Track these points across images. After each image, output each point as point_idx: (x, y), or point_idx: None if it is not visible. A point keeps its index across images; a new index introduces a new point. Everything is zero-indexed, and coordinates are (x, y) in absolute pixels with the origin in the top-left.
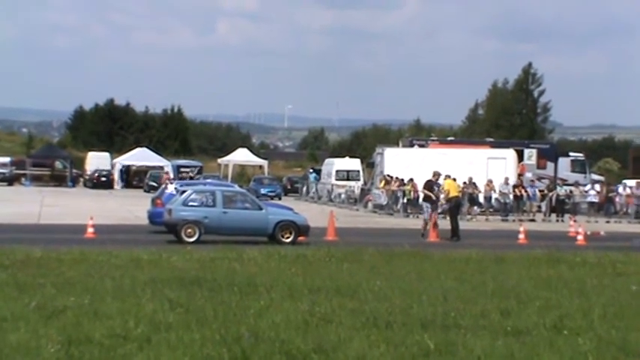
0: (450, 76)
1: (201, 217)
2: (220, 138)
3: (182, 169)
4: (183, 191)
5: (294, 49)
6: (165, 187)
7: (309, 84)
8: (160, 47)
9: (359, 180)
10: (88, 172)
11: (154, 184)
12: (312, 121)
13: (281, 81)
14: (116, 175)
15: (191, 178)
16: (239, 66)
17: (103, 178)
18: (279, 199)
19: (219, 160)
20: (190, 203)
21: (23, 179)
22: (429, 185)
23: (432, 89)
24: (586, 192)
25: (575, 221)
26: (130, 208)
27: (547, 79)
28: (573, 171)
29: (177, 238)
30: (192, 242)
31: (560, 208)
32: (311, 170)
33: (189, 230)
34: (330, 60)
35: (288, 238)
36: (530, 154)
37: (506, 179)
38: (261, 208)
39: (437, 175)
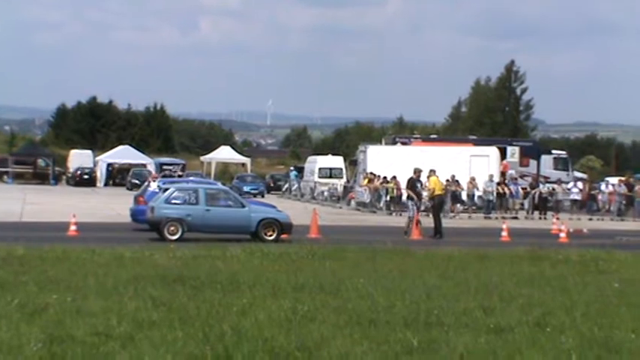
0: (433, 74)
1: (184, 214)
2: (203, 136)
3: (165, 167)
4: (166, 189)
5: (276, 47)
6: (148, 185)
7: (291, 82)
8: (143, 45)
9: (342, 178)
10: (71, 170)
11: (137, 181)
12: (295, 118)
13: (264, 79)
14: (99, 173)
15: (180, 176)
16: (221, 64)
17: (86, 176)
18: (262, 196)
19: (202, 158)
20: (173, 201)
21: (5, 177)
22: (412, 183)
23: (415, 87)
24: (569, 189)
25: (557, 219)
26: (113, 205)
27: (530, 77)
28: (556, 168)
29: (160, 235)
30: (175, 240)
31: (543, 205)
32: (292, 168)
33: (172, 228)
34: (312, 58)
35: (271, 235)
36: (513, 152)
37: (491, 176)
38: (244, 206)
39: (418, 172)
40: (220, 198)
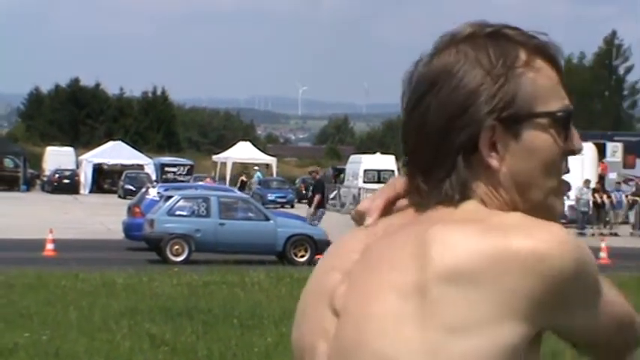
0: None
1: (192, 230)
2: (216, 129)
3: (167, 169)
4: (169, 197)
5: (309, 14)
6: (146, 192)
7: (329, 60)
8: (139, 12)
9: None
10: (47, 173)
11: (131, 187)
12: (334, 107)
13: (293, 56)
14: (82, 177)
15: (244, 184)
16: (239, 37)
17: (66, 180)
18: (292, 206)
19: (215, 158)
20: (178, 212)
21: None
22: (322, 185)
23: None
24: None
25: None
26: (101, 218)
27: (636, 52)
28: None
29: (162, 256)
30: (181, 262)
31: None
32: (256, 168)
33: (177, 247)
34: (355, 28)
35: (302, 256)
36: (615, 149)
37: (586, 182)
38: (268, 219)
39: (315, 171)
40: (238, 208)
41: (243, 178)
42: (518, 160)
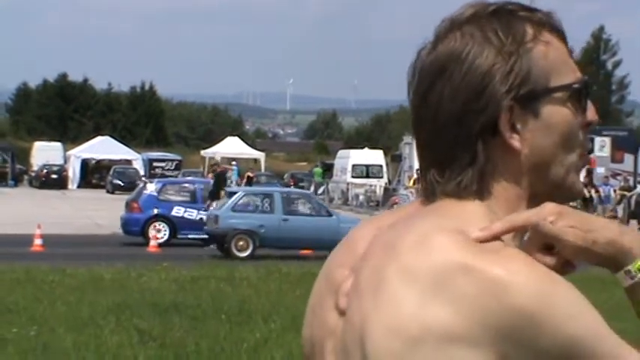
0: None
1: (256, 225)
2: (204, 123)
3: (155, 164)
4: (233, 193)
5: (297, 10)
6: (144, 187)
7: (318, 55)
8: (127, 8)
9: (382, 177)
10: (35, 168)
11: (120, 182)
12: (322, 101)
13: (282, 52)
14: (71, 172)
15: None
16: (228, 33)
17: (54, 175)
18: None
19: (203, 152)
20: (242, 208)
21: None
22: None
23: None
24: None
25: None
26: (89, 213)
27: (624, 47)
28: None
29: (225, 252)
30: (245, 257)
31: None
32: (234, 163)
33: (242, 242)
34: (344, 24)
35: None
36: (603, 144)
37: None
38: (330, 214)
39: (216, 164)
40: (300, 204)
41: (249, 173)
42: (538, 138)
